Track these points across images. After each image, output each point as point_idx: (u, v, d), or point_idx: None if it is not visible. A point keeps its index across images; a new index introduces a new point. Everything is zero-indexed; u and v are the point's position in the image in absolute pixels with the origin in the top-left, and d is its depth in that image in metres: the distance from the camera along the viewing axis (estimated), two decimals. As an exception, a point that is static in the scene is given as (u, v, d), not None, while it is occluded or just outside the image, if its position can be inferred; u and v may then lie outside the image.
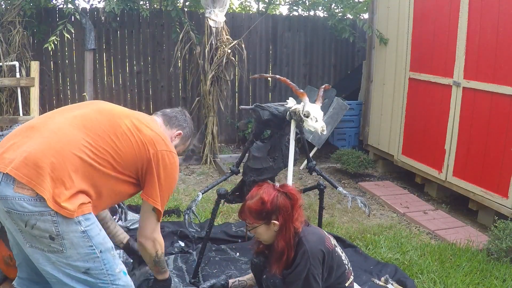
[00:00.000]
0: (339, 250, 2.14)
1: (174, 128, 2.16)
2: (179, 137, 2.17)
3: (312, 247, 2.04)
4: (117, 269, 1.81)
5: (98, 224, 1.80)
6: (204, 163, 5.73)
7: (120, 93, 6.26)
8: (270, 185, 2.22)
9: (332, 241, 2.13)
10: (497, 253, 3.25)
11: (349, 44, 6.85)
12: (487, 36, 3.91)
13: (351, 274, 2.17)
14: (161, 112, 2.19)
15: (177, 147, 2.18)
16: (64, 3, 5.40)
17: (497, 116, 3.85)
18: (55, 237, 1.67)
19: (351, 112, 6.25)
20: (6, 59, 4.99)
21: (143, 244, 2.02)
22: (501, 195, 3.78)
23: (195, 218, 2.95)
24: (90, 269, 1.74)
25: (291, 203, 2.12)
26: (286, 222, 2.09)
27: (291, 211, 2.10)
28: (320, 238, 2.09)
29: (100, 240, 1.77)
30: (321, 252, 2.04)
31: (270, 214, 2.10)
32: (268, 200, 2.10)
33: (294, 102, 2.79)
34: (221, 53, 5.43)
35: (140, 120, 1.95)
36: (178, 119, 2.20)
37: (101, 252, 1.75)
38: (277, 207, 2.09)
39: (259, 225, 2.13)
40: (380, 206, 4.55)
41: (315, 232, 2.14)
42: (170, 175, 1.96)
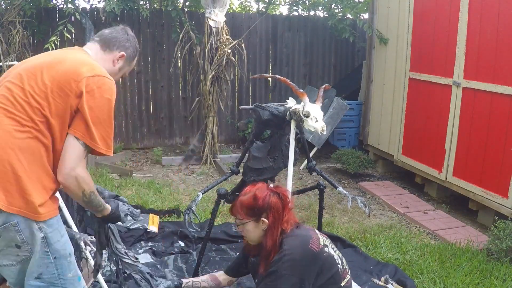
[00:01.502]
0: (330, 250, 2.10)
1: (116, 50, 1.92)
2: (122, 59, 1.93)
3: (290, 250, 2.02)
4: (70, 274, 1.75)
5: (61, 229, 1.73)
6: (204, 163, 5.73)
7: (120, 93, 6.25)
8: (264, 184, 2.23)
9: (322, 241, 2.09)
10: (497, 253, 3.25)
11: (349, 44, 6.86)
12: (487, 36, 3.91)
13: (347, 273, 2.14)
14: (98, 37, 1.94)
15: (122, 69, 1.98)
16: (64, 3, 5.40)
17: (497, 116, 3.85)
18: (20, 245, 1.64)
19: (351, 112, 6.25)
20: (6, 59, 4.99)
21: (63, 183, 1.69)
22: (501, 195, 3.78)
23: (195, 218, 2.95)
24: (42, 274, 1.69)
25: (282, 204, 2.12)
26: (275, 222, 2.09)
27: (282, 211, 2.11)
28: (303, 240, 2.05)
29: (58, 247, 1.70)
30: (301, 255, 2.02)
31: (261, 211, 2.10)
32: (261, 197, 2.11)
33: (294, 102, 2.79)
34: (221, 53, 5.43)
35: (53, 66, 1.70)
36: (119, 39, 1.94)
37: (55, 258, 1.69)
38: (269, 205, 2.09)
39: (249, 221, 2.13)
40: (380, 206, 4.55)
41: (300, 234, 2.10)
42: (98, 100, 1.69)
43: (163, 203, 4.30)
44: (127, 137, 6.36)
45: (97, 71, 1.73)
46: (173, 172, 5.48)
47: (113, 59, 1.91)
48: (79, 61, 1.75)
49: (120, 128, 6.33)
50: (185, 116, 6.53)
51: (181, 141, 6.62)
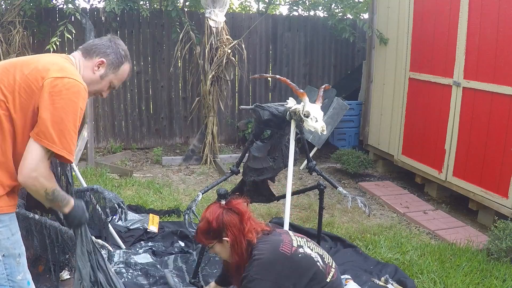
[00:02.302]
0: (306, 250, 2.08)
1: (95, 57, 1.87)
2: (102, 65, 1.88)
3: (260, 254, 2.02)
4: (19, 276, 1.71)
5: (13, 227, 1.70)
6: (204, 163, 5.73)
7: (120, 93, 6.25)
8: (216, 204, 2.23)
9: (295, 243, 2.07)
10: (497, 253, 3.25)
11: (349, 44, 6.86)
12: (487, 36, 3.91)
13: (330, 268, 2.12)
14: (82, 47, 1.92)
15: (106, 77, 1.91)
16: (64, 3, 5.40)
17: (497, 116, 3.85)
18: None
19: (351, 112, 6.25)
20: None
21: (23, 184, 1.65)
22: (501, 195, 3.77)
23: (195, 218, 2.95)
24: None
25: (238, 217, 2.13)
26: (237, 237, 2.10)
27: (240, 224, 2.11)
28: (273, 245, 2.05)
29: (7, 244, 1.66)
30: (272, 259, 2.01)
31: (218, 232, 2.12)
32: (213, 219, 2.12)
33: (294, 102, 2.79)
34: (221, 53, 5.44)
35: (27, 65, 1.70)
36: (99, 46, 1.89)
37: (3, 256, 1.65)
38: (224, 224, 2.11)
39: (213, 244, 2.16)
40: (380, 206, 4.55)
41: (270, 239, 2.10)
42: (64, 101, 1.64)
43: (163, 203, 4.30)
44: (127, 137, 6.36)
45: (67, 73, 1.69)
46: (173, 172, 5.48)
47: (92, 66, 1.87)
48: (52, 62, 1.73)
49: (120, 128, 6.33)
50: (185, 116, 6.53)
51: (181, 141, 6.62)
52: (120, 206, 2.91)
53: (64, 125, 1.64)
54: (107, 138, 6.27)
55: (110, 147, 6.17)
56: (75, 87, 1.67)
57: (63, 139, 1.64)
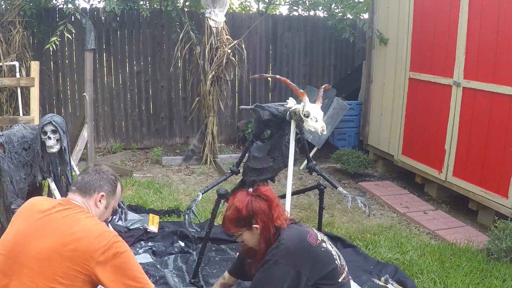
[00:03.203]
0: (328, 246, 2.12)
1: (94, 193, 2.00)
2: (103, 198, 2.02)
3: (287, 240, 2.04)
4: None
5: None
6: (204, 163, 5.73)
7: (120, 93, 6.26)
8: (244, 192, 2.24)
9: (319, 237, 2.11)
10: (497, 253, 3.25)
11: (349, 44, 6.86)
12: (487, 36, 3.91)
13: (344, 269, 2.16)
14: (74, 187, 2.01)
15: (109, 205, 2.07)
16: (64, 3, 5.40)
17: (497, 116, 3.85)
18: None
19: (351, 112, 6.25)
20: (6, 59, 5.00)
21: None
22: (501, 195, 3.78)
23: (195, 218, 2.96)
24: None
25: (267, 204, 2.15)
26: (266, 224, 2.11)
27: (269, 211, 2.13)
28: (301, 233, 2.09)
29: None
30: (297, 246, 2.04)
31: (248, 220, 2.13)
32: (243, 207, 2.13)
33: (294, 102, 2.79)
34: (221, 53, 5.43)
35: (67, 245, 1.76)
36: (92, 182, 2.01)
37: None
38: (253, 211, 2.12)
39: (242, 232, 2.17)
40: (380, 206, 4.55)
41: (298, 228, 2.14)
42: (127, 261, 1.89)
43: (163, 203, 4.30)
44: (127, 137, 6.36)
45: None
46: (173, 172, 5.48)
47: (95, 202, 1.99)
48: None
49: (120, 128, 6.33)
50: (185, 116, 6.53)
51: (181, 141, 6.62)
52: (120, 206, 2.92)
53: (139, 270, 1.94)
54: (107, 138, 6.28)
55: (110, 147, 6.17)
56: (118, 244, 1.88)
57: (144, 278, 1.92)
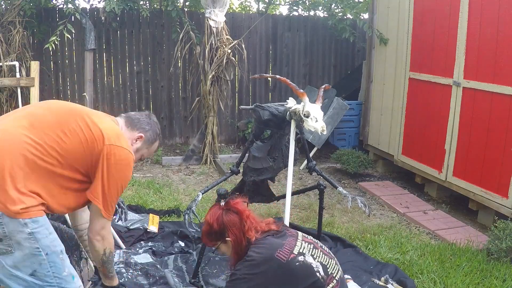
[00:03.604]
0: (308, 259, 2.03)
1: (136, 130, 2.09)
2: (140, 140, 2.10)
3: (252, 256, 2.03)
4: (64, 272, 1.79)
5: (49, 227, 1.78)
6: (204, 163, 5.73)
7: (120, 93, 6.26)
8: (216, 206, 2.26)
9: (296, 250, 2.03)
10: (497, 253, 3.25)
11: (349, 44, 6.86)
12: (487, 36, 3.91)
13: (332, 279, 2.06)
14: (124, 114, 2.13)
15: (140, 151, 2.14)
16: (64, 3, 5.40)
17: (497, 116, 3.85)
18: (2, 238, 1.67)
19: (351, 112, 6.25)
20: (6, 59, 4.99)
21: (91, 240, 1.94)
22: (501, 195, 3.77)
23: (195, 218, 2.96)
24: (36, 271, 1.73)
25: (238, 216, 2.15)
26: (237, 236, 2.12)
27: (240, 223, 2.13)
28: (270, 249, 2.03)
29: (47, 242, 1.74)
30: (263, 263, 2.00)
31: (221, 233, 2.15)
32: (213, 221, 2.15)
33: (294, 102, 2.79)
34: (221, 53, 5.43)
35: (92, 117, 1.90)
36: (141, 121, 2.12)
37: (47, 254, 1.73)
38: (224, 224, 2.14)
39: (218, 245, 2.19)
40: (380, 206, 4.55)
41: (269, 243, 2.08)
42: (117, 172, 1.90)
43: (163, 203, 4.30)
44: (127, 137, 6.35)
45: (123, 143, 1.94)
46: (173, 172, 5.48)
47: (131, 138, 2.07)
48: (112, 128, 1.98)
49: (120, 128, 6.32)
50: (185, 116, 6.53)
51: (181, 141, 6.62)
52: (120, 206, 2.92)
53: (115, 190, 1.91)
54: (107, 138, 6.26)
55: (110, 147, 6.16)
56: (126, 156, 1.93)
57: (110, 201, 1.91)
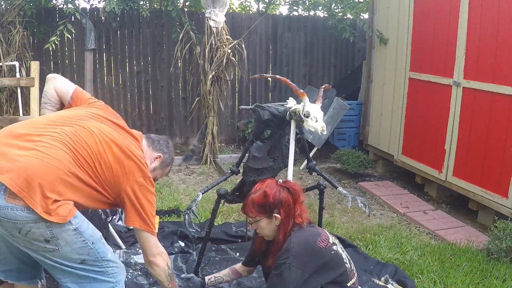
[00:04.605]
0: (339, 249, 2.12)
1: (156, 151, 2.26)
2: (158, 160, 2.26)
3: (297, 243, 2.04)
4: (109, 253, 1.98)
5: (85, 219, 1.92)
6: (204, 163, 5.73)
7: (120, 93, 6.26)
8: (273, 180, 2.27)
9: (330, 240, 2.11)
10: (497, 253, 3.25)
11: (349, 44, 6.86)
12: (487, 36, 3.91)
13: (354, 275, 2.15)
14: (146, 135, 2.29)
15: (156, 171, 2.30)
16: (64, 3, 5.40)
17: (497, 116, 3.85)
18: (50, 239, 1.79)
19: (351, 112, 6.25)
20: (6, 59, 4.99)
21: (155, 262, 2.13)
22: (501, 195, 3.78)
23: (195, 218, 2.95)
24: (86, 260, 1.89)
25: (293, 198, 2.16)
26: (287, 217, 2.13)
27: (293, 206, 2.15)
28: (311, 236, 2.08)
29: (90, 233, 1.90)
30: (307, 250, 2.03)
31: (272, 208, 2.14)
32: (271, 193, 2.15)
33: (294, 102, 2.79)
34: (221, 53, 5.43)
35: (123, 149, 2.03)
36: (161, 143, 2.30)
37: (93, 243, 1.90)
38: (279, 200, 2.14)
39: (261, 218, 2.17)
40: (380, 206, 4.55)
41: (309, 230, 2.14)
42: (149, 198, 2.07)
43: (163, 203, 4.30)
44: (127, 137, 6.35)
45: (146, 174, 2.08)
46: (173, 172, 5.48)
47: (151, 157, 2.22)
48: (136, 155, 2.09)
49: (120, 128, 6.32)
50: (185, 116, 6.53)
51: (181, 141, 6.62)
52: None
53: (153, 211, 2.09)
54: (107, 138, 6.26)
55: (110, 147, 6.16)
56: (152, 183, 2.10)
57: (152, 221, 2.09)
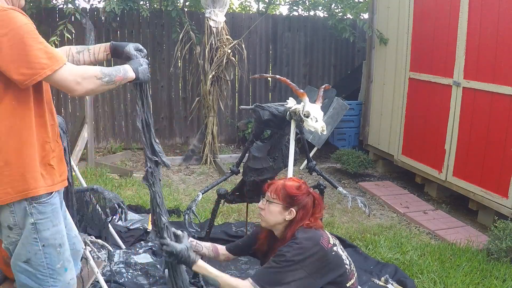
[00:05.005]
0: (339, 250, 2.13)
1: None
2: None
3: (302, 240, 2.05)
4: (58, 265, 1.80)
5: (55, 219, 1.77)
6: (204, 163, 5.73)
7: (120, 93, 6.26)
8: (303, 182, 2.30)
9: (331, 241, 2.13)
10: (497, 253, 3.25)
11: (349, 44, 6.85)
12: (487, 36, 3.91)
13: (353, 275, 2.15)
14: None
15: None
16: (64, 3, 5.40)
17: (497, 116, 3.85)
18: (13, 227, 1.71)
19: (351, 112, 6.25)
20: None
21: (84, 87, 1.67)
22: (501, 195, 3.77)
23: (195, 218, 2.96)
24: (31, 260, 1.74)
25: (312, 209, 2.19)
26: (301, 219, 2.14)
27: (309, 214, 2.17)
28: (315, 235, 2.09)
29: (47, 235, 1.74)
30: (311, 248, 2.04)
31: (294, 202, 2.15)
32: (303, 192, 2.18)
33: (294, 102, 2.79)
34: (221, 53, 5.43)
35: None
36: None
37: (43, 246, 1.74)
38: (305, 202, 2.16)
39: (279, 203, 2.16)
40: (380, 206, 4.55)
41: (313, 230, 2.15)
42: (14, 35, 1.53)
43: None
44: (127, 137, 6.36)
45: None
46: (173, 172, 5.48)
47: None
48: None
49: (120, 128, 6.33)
50: (185, 116, 6.53)
51: (181, 141, 6.62)
52: (120, 206, 2.92)
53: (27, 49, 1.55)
54: (107, 138, 6.28)
55: (110, 147, 6.17)
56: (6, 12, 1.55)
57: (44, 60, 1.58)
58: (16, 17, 1.55)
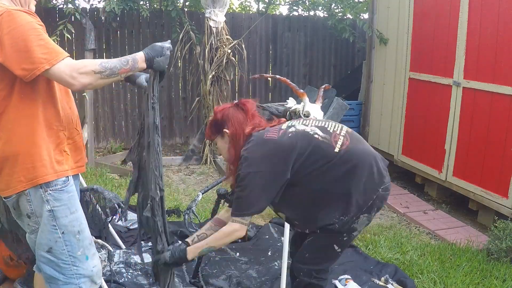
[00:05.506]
0: (299, 127, 2.04)
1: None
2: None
3: (247, 149, 2.00)
4: (78, 252, 1.82)
5: (72, 206, 1.80)
6: (204, 163, 5.73)
7: (120, 93, 6.26)
8: (229, 103, 2.29)
9: (284, 126, 2.06)
10: (497, 253, 3.25)
11: (349, 44, 6.86)
12: (487, 36, 3.91)
13: (337, 136, 2.03)
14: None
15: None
16: (64, 3, 5.40)
17: (497, 116, 3.85)
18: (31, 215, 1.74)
19: (351, 112, 6.25)
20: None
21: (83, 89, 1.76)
22: (501, 195, 3.77)
23: (195, 218, 2.96)
24: (52, 248, 1.77)
25: (243, 113, 2.15)
26: (236, 130, 2.10)
27: (243, 119, 2.13)
28: (258, 137, 2.03)
29: (65, 222, 1.77)
30: (259, 149, 2.00)
31: (221, 124, 2.14)
32: (219, 111, 2.18)
33: (294, 102, 2.79)
34: (221, 53, 5.43)
35: None
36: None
37: (63, 233, 1.77)
38: (227, 116, 2.14)
39: (216, 137, 2.19)
40: (380, 206, 4.55)
41: (257, 133, 2.08)
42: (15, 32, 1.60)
43: (163, 203, 4.29)
44: (127, 137, 6.36)
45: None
46: (173, 172, 5.48)
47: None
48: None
49: (120, 128, 6.33)
50: (185, 116, 6.53)
51: (181, 141, 6.62)
52: (120, 206, 2.92)
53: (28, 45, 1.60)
54: (107, 138, 6.27)
55: (110, 147, 6.17)
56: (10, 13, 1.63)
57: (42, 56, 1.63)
58: (19, 16, 1.62)
